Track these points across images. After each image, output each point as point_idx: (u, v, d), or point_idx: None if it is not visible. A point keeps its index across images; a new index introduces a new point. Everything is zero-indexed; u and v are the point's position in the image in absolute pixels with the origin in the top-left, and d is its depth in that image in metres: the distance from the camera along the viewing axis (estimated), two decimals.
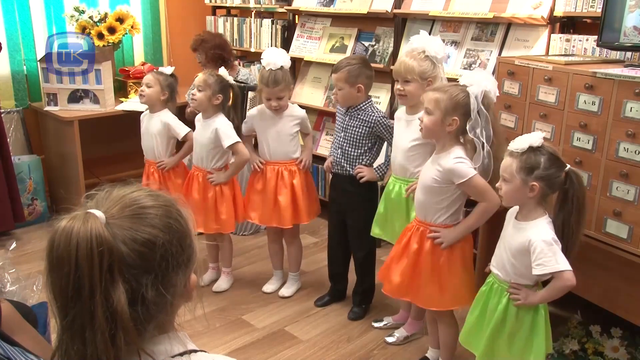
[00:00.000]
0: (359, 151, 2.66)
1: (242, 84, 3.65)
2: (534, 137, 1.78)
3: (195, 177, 2.95)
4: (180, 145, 3.10)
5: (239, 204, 2.97)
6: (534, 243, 1.77)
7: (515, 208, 1.92)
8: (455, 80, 2.24)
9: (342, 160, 2.69)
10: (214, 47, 3.73)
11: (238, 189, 3.00)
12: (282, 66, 2.73)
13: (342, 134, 2.68)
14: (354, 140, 2.65)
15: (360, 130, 2.63)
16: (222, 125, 2.82)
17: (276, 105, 2.76)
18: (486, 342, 1.92)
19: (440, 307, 2.21)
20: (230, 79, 2.90)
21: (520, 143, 1.79)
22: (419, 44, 2.34)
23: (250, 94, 3.54)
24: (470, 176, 2.03)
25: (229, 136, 2.80)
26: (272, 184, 2.85)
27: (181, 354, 0.96)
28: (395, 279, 2.27)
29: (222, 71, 2.91)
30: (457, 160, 2.05)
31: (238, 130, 2.90)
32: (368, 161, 2.69)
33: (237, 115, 2.93)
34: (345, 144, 2.67)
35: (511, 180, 1.79)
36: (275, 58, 2.73)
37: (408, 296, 2.29)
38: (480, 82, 2.02)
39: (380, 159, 2.74)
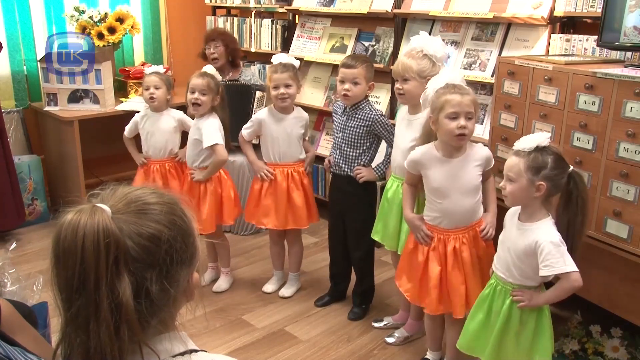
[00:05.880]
0: (358, 151, 2.65)
1: (251, 84, 3.65)
2: (541, 137, 1.79)
3: (185, 176, 2.97)
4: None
5: (225, 204, 2.93)
6: (541, 244, 1.77)
7: (515, 209, 1.92)
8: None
9: (340, 161, 2.69)
10: (233, 42, 3.76)
11: (229, 191, 2.95)
12: (292, 63, 2.78)
13: (341, 135, 2.67)
14: (353, 140, 2.64)
15: (358, 130, 2.62)
16: (209, 125, 2.82)
17: (284, 92, 2.73)
18: (493, 344, 1.90)
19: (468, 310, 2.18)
20: (218, 76, 2.92)
21: (527, 142, 1.79)
22: (418, 44, 2.35)
23: (258, 94, 3.52)
24: None
25: (210, 136, 2.79)
26: (284, 186, 2.83)
27: (182, 354, 0.96)
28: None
29: (211, 69, 2.90)
30: (486, 147, 2.18)
31: (225, 129, 2.90)
32: (366, 161, 2.68)
33: (225, 113, 2.92)
34: (343, 145, 2.66)
35: (517, 180, 1.79)
36: (284, 56, 2.81)
37: (449, 309, 2.21)
38: (460, 77, 2.15)
39: (379, 158, 2.73)
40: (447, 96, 2.02)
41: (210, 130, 2.80)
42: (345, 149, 2.66)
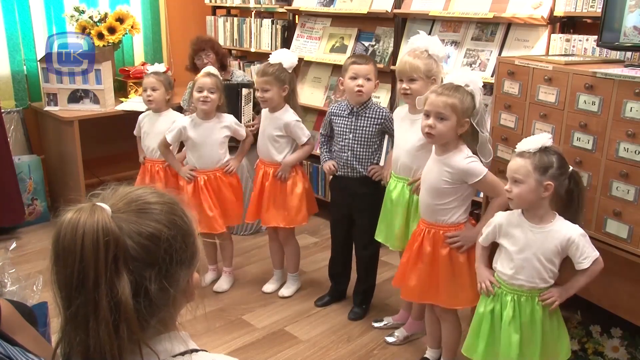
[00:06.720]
0: (370, 150, 2.66)
1: (237, 82, 3.65)
2: (544, 138, 1.80)
3: (205, 181, 2.89)
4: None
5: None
6: (575, 239, 1.80)
7: (502, 218, 1.93)
8: None
9: (354, 162, 2.67)
10: (219, 46, 3.79)
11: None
12: (280, 63, 2.75)
13: (351, 136, 2.65)
14: (365, 139, 2.64)
15: (371, 129, 2.63)
16: (233, 119, 2.91)
17: (261, 96, 2.78)
18: (537, 352, 1.89)
19: (462, 305, 2.20)
20: (220, 77, 2.94)
21: (532, 143, 1.80)
22: (421, 43, 2.35)
23: (244, 91, 3.53)
24: (484, 174, 2.07)
25: (242, 127, 2.97)
26: (258, 182, 2.92)
27: (182, 354, 0.96)
28: (412, 283, 2.23)
29: (214, 70, 2.93)
30: (470, 160, 2.07)
31: None
32: (377, 159, 2.70)
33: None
34: (356, 145, 2.65)
35: (525, 181, 1.79)
36: (279, 56, 2.80)
37: (428, 299, 2.25)
38: (475, 81, 2.07)
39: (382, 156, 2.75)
40: (427, 94, 2.07)
41: (237, 123, 2.94)
42: (358, 149, 2.66)
